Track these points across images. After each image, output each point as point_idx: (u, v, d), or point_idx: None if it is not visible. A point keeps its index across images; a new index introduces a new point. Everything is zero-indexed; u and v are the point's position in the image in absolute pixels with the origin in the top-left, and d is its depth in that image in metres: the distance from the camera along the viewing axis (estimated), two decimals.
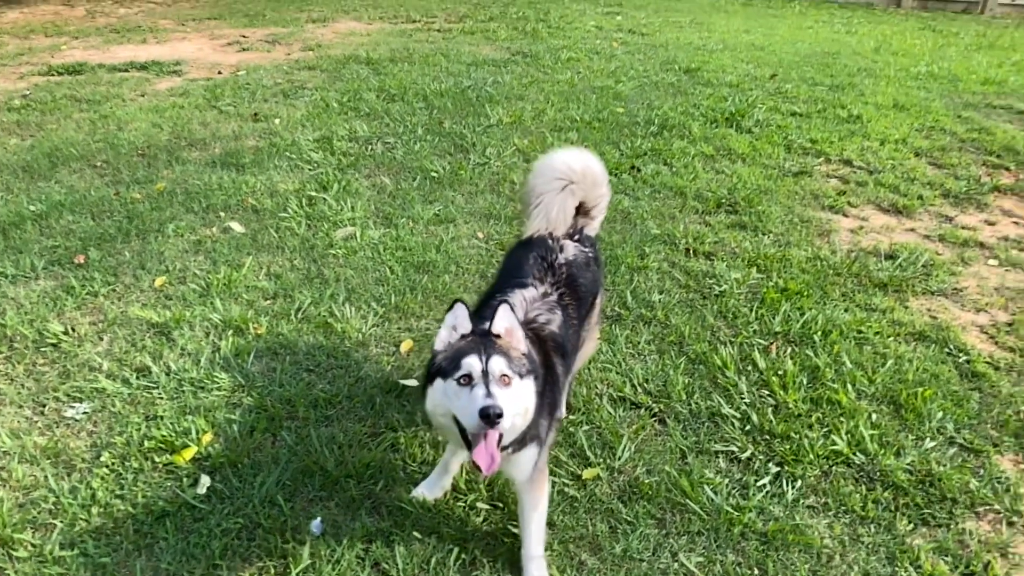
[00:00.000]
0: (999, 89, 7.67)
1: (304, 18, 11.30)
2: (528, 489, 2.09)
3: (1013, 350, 3.27)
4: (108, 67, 7.83)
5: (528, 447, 1.99)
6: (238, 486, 2.36)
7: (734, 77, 7.67)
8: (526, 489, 2.09)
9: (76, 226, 4.08)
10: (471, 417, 1.71)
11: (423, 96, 6.66)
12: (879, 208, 4.74)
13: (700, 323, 3.37)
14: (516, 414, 1.80)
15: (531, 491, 2.10)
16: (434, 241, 4.00)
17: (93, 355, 3.00)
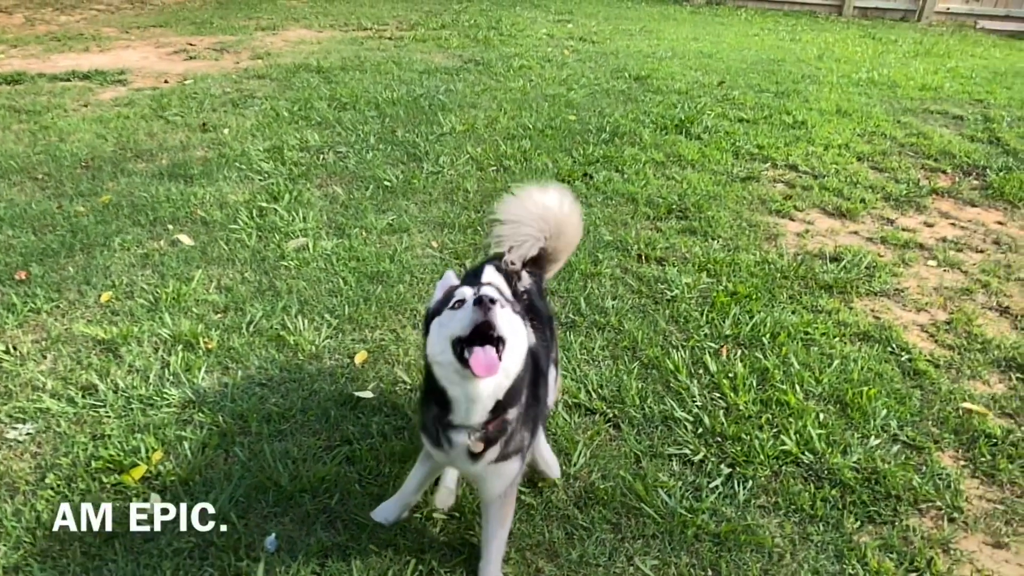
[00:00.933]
0: (935, 95, 7.92)
1: (253, 26, 11.16)
2: (498, 505, 2.07)
3: (952, 348, 3.39)
4: (49, 76, 7.63)
5: (512, 460, 1.96)
6: (190, 505, 2.32)
7: (683, 84, 7.80)
8: (496, 505, 2.07)
9: (16, 241, 3.97)
10: (465, 318, 1.71)
11: (375, 104, 6.63)
12: (824, 212, 4.86)
13: (652, 328, 3.42)
14: (512, 336, 1.77)
15: (500, 508, 2.07)
16: (388, 251, 3.99)
17: (36, 374, 2.92)
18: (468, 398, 1.79)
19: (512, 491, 2.09)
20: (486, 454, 1.90)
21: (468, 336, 1.71)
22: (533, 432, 2.07)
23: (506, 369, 1.77)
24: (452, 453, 1.92)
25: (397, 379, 2.97)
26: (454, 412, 1.83)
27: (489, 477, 1.99)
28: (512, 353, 1.79)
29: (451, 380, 1.79)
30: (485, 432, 1.85)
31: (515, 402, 1.88)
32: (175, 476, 2.42)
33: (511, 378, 1.81)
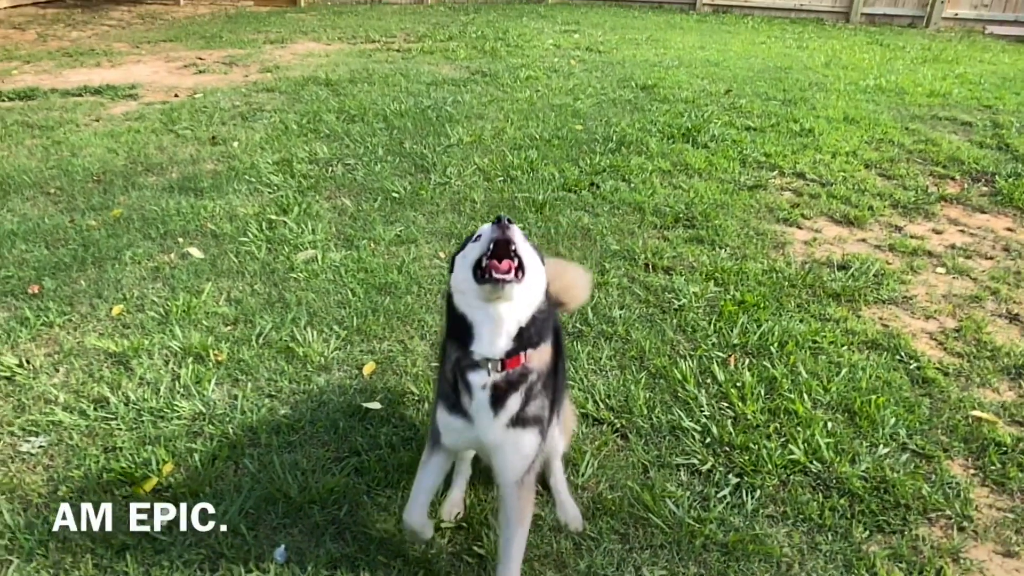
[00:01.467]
0: (944, 101, 7.91)
1: (262, 39, 11.26)
2: (515, 497, 2.02)
3: (961, 355, 3.38)
4: (61, 92, 7.72)
5: (530, 429, 1.95)
6: (200, 517, 2.34)
7: (690, 93, 7.82)
8: (512, 497, 2.02)
9: (29, 255, 4.02)
10: (485, 238, 1.79)
11: (383, 117, 6.68)
12: (831, 219, 4.86)
13: (660, 337, 3.42)
14: (531, 262, 1.84)
15: (518, 501, 2.02)
16: (396, 262, 4.01)
17: (49, 387, 2.95)
18: (491, 319, 1.82)
19: (530, 481, 2.05)
20: (507, 404, 1.89)
21: (489, 254, 1.78)
22: (551, 411, 2.06)
23: (526, 290, 1.82)
24: (472, 408, 1.90)
25: (405, 390, 2.99)
26: (476, 341, 1.84)
27: (507, 449, 1.96)
28: (531, 277, 1.83)
29: (473, 306, 1.84)
30: (505, 371, 1.86)
31: (536, 339, 1.89)
32: (185, 488, 2.44)
33: (532, 306, 1.85)
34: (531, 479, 2.06)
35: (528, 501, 2.07)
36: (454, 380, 1.93)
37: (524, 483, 2.03)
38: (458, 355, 1.90)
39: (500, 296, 1.79)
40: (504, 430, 1.92)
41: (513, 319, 1.83)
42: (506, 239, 1.77)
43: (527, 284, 1.81)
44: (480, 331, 1.84)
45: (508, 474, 2.00)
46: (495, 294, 1.79)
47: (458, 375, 1.91)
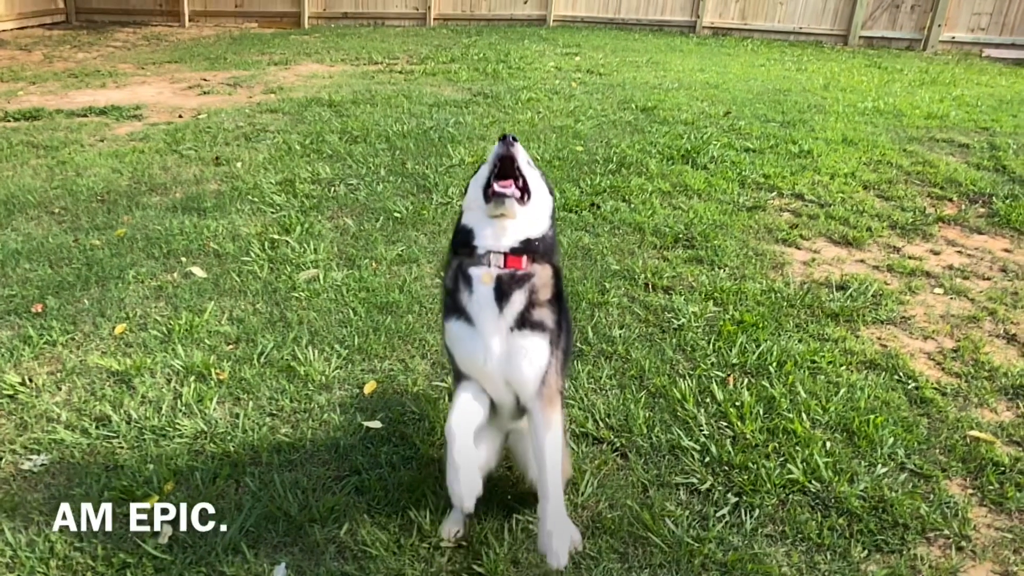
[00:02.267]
0: (941, 123, 7.96)
1: (266, 61, 11.37)
2: (539, 406, 2.02)
3: (959, 375, 3.39)
4: (66, 112, 7.80)
5: (539, 334, 1.98)
6: (200, 534, 2.35)
7: (689, 115, 7.88)
8: (536, 407, 2.02)
9: (33, 274, 4.05)
10: (491, 157, 1.97)
11: (385, 137, 6.74)
12: (830, 240, 4.89)
13: (660, 357, 3.44)
14: (535, 183, 2.01)
15: (543, 408, 2.02)
16: (397, 281, 4.04)
17: (51, 405, 2.97)
18: (494, 226, 1.97)
19: (551, 393, 2.04)
20: (512, 298, 1.95)
21: (495, 172, 1.95)
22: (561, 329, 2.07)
23: (529, 212, 1.98)
24: (472, 305, 1.96)
25: (406, 409, 3.00)
26: (479, 239, 1.98)
27: (517, 357, 1.97)
28: (536, 200, 2.00)
29: (480, 221, 2.00)
30: (507, 268, 1.95)
31: (539, 253, 2.00)
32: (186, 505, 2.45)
33: (536, 229, 2.00)
34: (552, 391, 2.04)
35: (555, 407, 2.05)
36: (455, 284, 2.02)
37: (544, 395, 2.02)
38: (460, 260, 2.01)
39: (503, 212, 1.94)
40: (509, 334, 1.96)
41: (515, 235, 1.97)
42: (510, 156, 1.93)
43: (531, 206, 1.98)
44: (484, 232, 1.98)
45: (526, 387, 2.02)
46: (498, 209, 1.94)
47: (460, 276, 2.00)
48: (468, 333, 2.00)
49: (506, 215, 1.96)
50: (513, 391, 2.07)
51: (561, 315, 2.09)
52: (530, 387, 2.02)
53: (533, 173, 2.04)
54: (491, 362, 2.01)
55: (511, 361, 1.99)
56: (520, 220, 1.98)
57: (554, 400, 2.05)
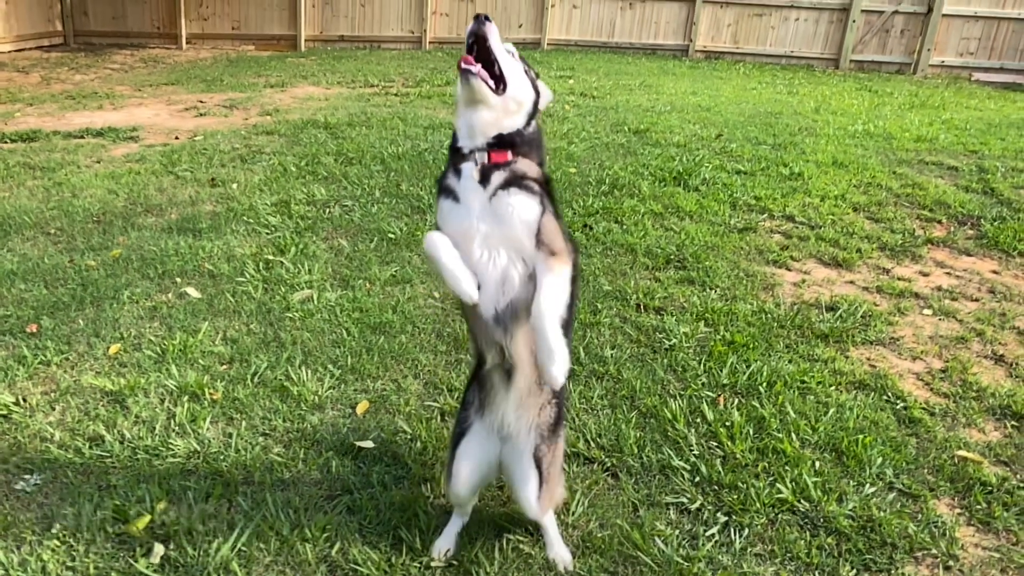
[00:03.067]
0: (931, 146, 8.07)
1: (262, 83, 11.46)
2: (541, 256, 1.94)
3: (947, 396, 3.43)
4: (63, 134, 7.85)
5: (521, 192, 1.95)
6: (193, 554, 2.36)
7: (681, 137, 7.97)
8: (539, 258, 1.94)
9: (28, 295, 4.07)
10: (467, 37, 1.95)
11: (381, 159, 6.79)
12: (820, 262, 4.94)
13: (651, 377, 3.47)
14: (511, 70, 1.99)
15: (545, 258, 1.94)
16: (391, 302, 4.06)
17: (45, 425, 2.98)
18: (469, 123, 1.99)
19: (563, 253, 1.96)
20: (492, 179, 1.97)
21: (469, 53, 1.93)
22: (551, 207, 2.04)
23: (505, 100, 1.97)
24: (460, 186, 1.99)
25: (398, 429, 3.02)
26: (461, 139, 2.02)
27: (505, 211, 1.94)
28: (512, 87, 1.99)
29: (460, 116, 2.02)
30: (489, 159, 1.98)
31: (520, 148, 2.02)
32: (178, 525, 2.46)
33: (514, 120, 2.01)
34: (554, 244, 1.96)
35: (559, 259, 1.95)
36: (445, 174, 2.05)
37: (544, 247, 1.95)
38: (454, 161, 2.04)
39: (473, 96, 1.94)
40: (495, 198, 1.96)
41: (491, 125, 1.98)
42: (481, 34, 1.91)
43: (509, 97, 1.97)
44: (462, 130, 2.01)
45: (520, 241, 1.96)
46: (467, 92, 1.94)
47: (451, 170, 2.04)
48: (456, 208, 2.01)
49: (480, 102, 1.94)
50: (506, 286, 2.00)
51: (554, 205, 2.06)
52: (524, 240, 1.96)
53: (513, 63, 2.00)
54: (479, 223, 1.98)
55: (499, 218, 1.96)
56: (496, 111, 1.97)
57: (559, 253, 1.96)
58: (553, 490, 2.34)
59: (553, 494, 2.35)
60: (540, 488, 2.23)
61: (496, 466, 2.33)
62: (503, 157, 1.98)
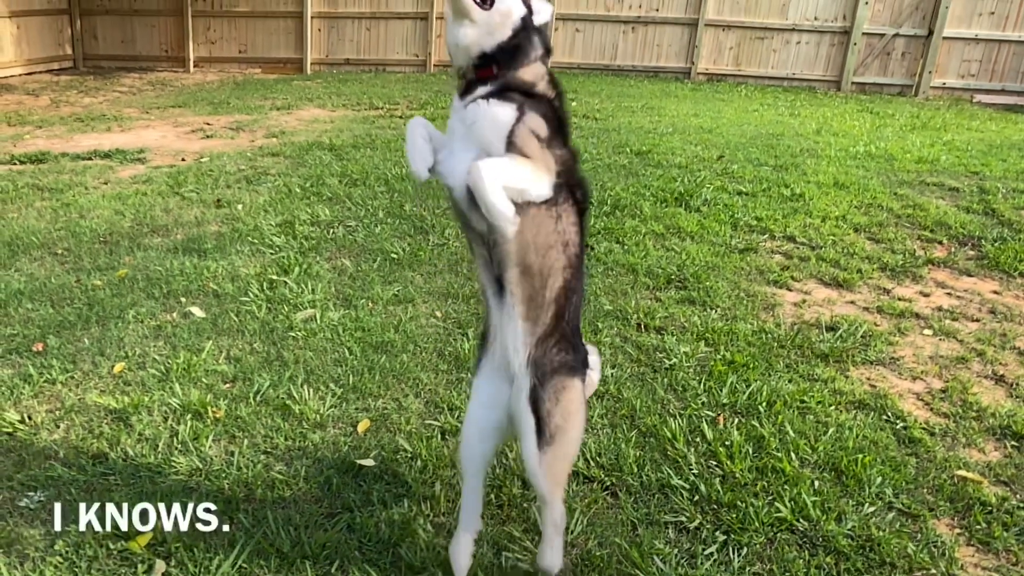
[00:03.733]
0: (932, 167, 8.10)
1: (268, 106, 11.58)
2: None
3: (947, 416, 3.43)
4: (71, 156, 7.94)
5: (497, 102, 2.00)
6: (193, 571, 2.37)
7: (683, 159, 8.02)
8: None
9: (35, 314, 4.11)
10: None
11: (385, 181, 6.86)
12: (821, 282, 4.96)
13: (651, 396, 3.48)
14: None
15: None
16: (393, 321, 4.10)
17: (50, 443, 3.01)
18: (454, 42, 2.06)
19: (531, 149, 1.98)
20: (475, 91, 2.03)
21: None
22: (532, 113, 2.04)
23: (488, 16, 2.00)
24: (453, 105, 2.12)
25: (399, 447, 3.04)
26: (453, 60, 2.11)
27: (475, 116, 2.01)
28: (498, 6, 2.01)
29: (447, 35, 2.11)
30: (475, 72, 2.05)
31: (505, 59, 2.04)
32: (179, 543, 2.48)
33: (495, 28, 2.01)
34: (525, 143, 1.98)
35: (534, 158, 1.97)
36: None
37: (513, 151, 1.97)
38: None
39: (458, 8, 1.99)
40: (471, 105, 2.03)
41: (475, 44, 2.02)
42: None
43: (496, 9, 2.00)
44: (450, 48, 2.10)
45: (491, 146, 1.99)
46: (453, 4, 2.00)
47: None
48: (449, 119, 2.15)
49: (464, 17, 1.99)
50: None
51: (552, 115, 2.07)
52: (495, 142, 1.98)
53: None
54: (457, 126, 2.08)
55: (471, 123, 2.03)
56: (480, 28, 2.00)
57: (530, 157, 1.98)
58: (559, 454, 2.14)
59: (558, 461, 2.15)
60: (540, 439, 2.08)
61: (505, 414, 2.20)
62: (488, 72, 2.04)
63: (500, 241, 2.02)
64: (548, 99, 2.08)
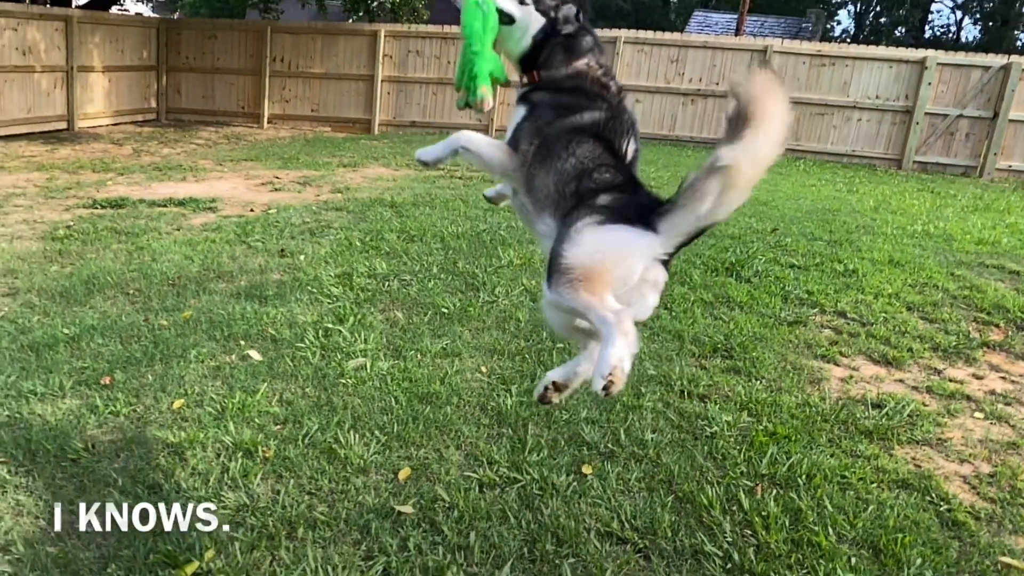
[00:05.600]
0: (992, 249, 7.98)
1: (335, 162, 12.07)
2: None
3: (994, 501, 3.36)
4: (148, 202, 8.40)
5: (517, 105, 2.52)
6: None
7: (736, 230, 8.07)
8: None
9: (105, 349, 4.35)
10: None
11: (440, 238, 7.07)
12: (870, 359, 4.92)
13: (690, 463, 3.50)
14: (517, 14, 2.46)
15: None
16: (440, 373, 4.21)
17: (110, 471, 3.17)
18: (505, 51, 2.50)
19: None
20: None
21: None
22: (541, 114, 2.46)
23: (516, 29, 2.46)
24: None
25: (437, 496, 3.12)
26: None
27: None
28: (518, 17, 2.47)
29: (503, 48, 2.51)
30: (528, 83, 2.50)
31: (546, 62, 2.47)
32: (223, 574, 2.59)
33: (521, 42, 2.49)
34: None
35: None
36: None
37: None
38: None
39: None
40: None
41: (515, 51, 2.49)
42: None
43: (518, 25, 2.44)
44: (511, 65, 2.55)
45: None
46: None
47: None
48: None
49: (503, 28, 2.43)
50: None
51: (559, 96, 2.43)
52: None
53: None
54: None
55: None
56: (509, 40, 2.46)
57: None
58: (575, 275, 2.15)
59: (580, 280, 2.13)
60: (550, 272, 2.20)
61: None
62: (532, 77, 2.48)
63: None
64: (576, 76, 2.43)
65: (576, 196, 2.30)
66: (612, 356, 1.96)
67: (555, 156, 2.35)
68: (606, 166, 2.33)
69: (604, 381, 1.94)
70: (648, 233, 2.15)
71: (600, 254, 2.13)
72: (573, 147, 2.35)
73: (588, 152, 2.35)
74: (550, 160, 2.36)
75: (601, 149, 2.35)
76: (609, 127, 2.37)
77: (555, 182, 2.35)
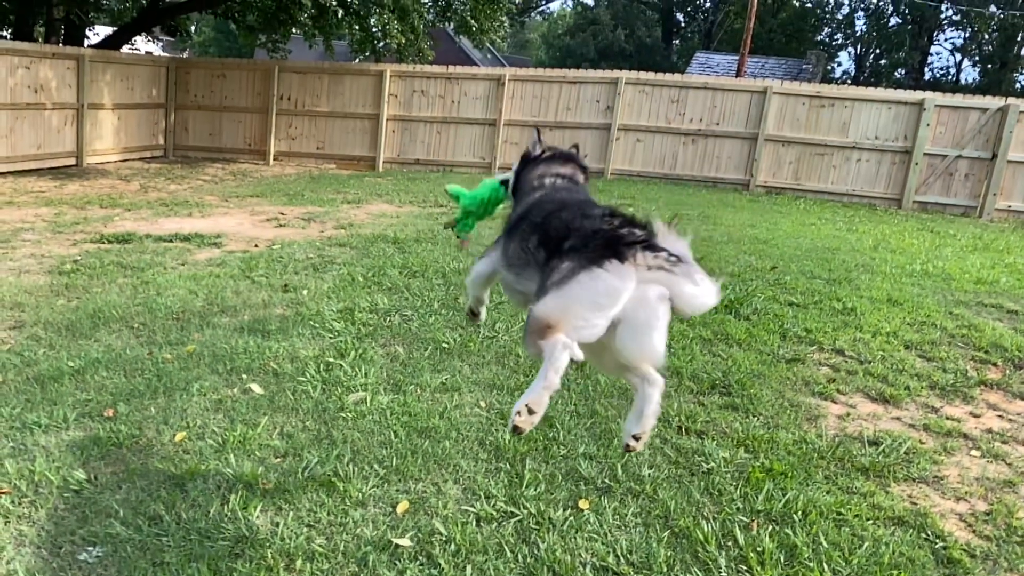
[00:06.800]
0: (991, 288, 8.03)
1: (340, 199, 12.21)
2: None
3: (990, 538, 3.37)
4: (154, 237, 8.51)
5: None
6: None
7: (736, 268, 8.14)
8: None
9: (109, 382, 4.40)
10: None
11: (442, 274, 7.15)
12: (867, 396, 4.95)
13: (687, 498, 3.52)
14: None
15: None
16: (439, 408, 4.25)
17: (111, 502, 3.21)
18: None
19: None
20: None
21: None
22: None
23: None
24: None
25: (435, 530, 3.14)
26: None
27: None
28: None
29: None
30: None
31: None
32: None
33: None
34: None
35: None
36: None
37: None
38: None
39: None
40: None
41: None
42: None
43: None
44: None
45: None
46: None
47: None
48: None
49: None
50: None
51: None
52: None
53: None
54: None
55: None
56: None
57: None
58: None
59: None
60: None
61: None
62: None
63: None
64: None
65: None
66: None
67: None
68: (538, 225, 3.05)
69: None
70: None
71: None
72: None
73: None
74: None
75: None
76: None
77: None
